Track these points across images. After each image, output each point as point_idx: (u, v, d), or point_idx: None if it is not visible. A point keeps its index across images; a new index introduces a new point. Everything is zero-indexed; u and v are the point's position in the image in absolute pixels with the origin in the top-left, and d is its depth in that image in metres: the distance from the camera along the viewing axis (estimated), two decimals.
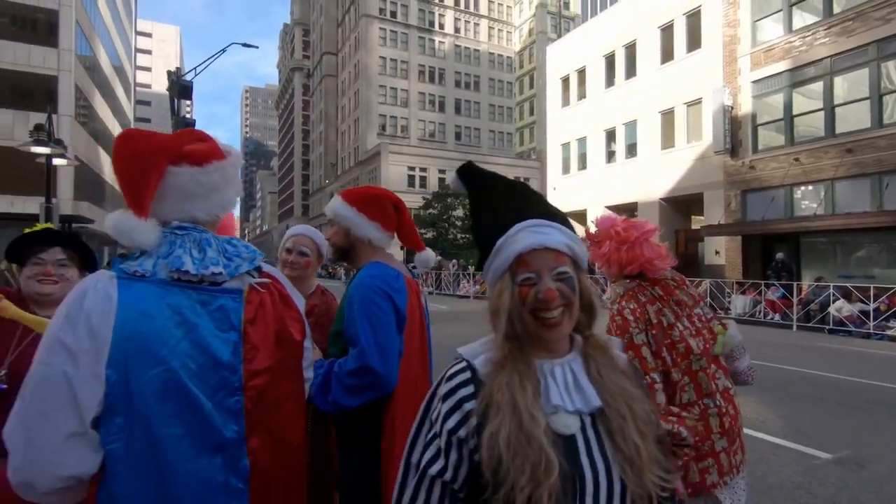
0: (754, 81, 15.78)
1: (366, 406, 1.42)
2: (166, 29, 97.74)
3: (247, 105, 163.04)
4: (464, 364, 0.91)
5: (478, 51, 57.58)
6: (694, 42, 18.03)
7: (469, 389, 0.87)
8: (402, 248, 1.76)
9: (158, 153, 1.00)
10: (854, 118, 13.60)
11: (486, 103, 57.48)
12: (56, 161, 9.27)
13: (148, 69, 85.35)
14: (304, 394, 1.15)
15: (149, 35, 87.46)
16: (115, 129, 38.30)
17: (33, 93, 25.23)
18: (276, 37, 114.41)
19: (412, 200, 44.22)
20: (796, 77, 14.82)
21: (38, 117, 24.79)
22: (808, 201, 14.71)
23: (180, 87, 12.30)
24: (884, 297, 10.66)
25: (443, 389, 0.90)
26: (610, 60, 21.74)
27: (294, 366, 1.11)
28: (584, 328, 0.94)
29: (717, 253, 16.81)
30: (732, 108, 16.21)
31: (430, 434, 0.88)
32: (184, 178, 1.03)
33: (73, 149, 21.98)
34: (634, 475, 0.81)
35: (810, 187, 14.59)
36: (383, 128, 51.77)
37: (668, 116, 19.04)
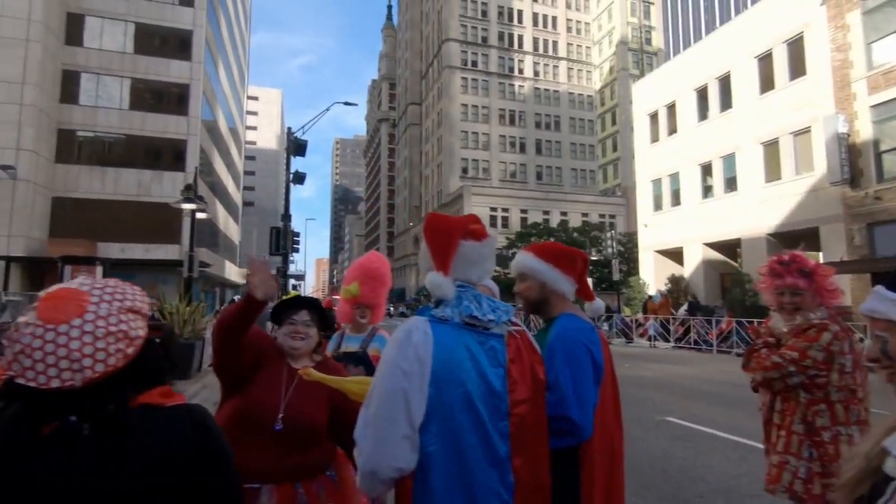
0: (873, 106, 14.54)
1: (563, 454, 1.56)
2: (270, 92, 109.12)
3: (337, 155, 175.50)
4: None
5: (557, 91, 58.21)
6: (797, 69, 17.07)
7: None
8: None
9: (457, 230, 1.31)
10: None
11: (567, 142, 57.48)
12: (199, 215, 10.67)
13: (254, 128, 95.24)
14: (546, 423, 1.36)
15: (256, 98, 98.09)
16: (228, 182, 42.90)
17: (163, 154, 29.10)
18: (365, 92, 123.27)
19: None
20: None
21: (170, 176, 28.54)
22: None
23: (296, 145, 13.72)
24: None
25: None
26: (702, 93, 21.09)
27: (542, 400, 1.33)
28: None
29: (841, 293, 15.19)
30: (849, 135, 14.98)
31: None
32: (468, 249, 1.34)
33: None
34: None
35: None
36: (465, 171, 53.33)
37: (771, 147, 17.95)
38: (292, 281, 28.07)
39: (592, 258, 32.44)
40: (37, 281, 21.39)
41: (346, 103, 20.97)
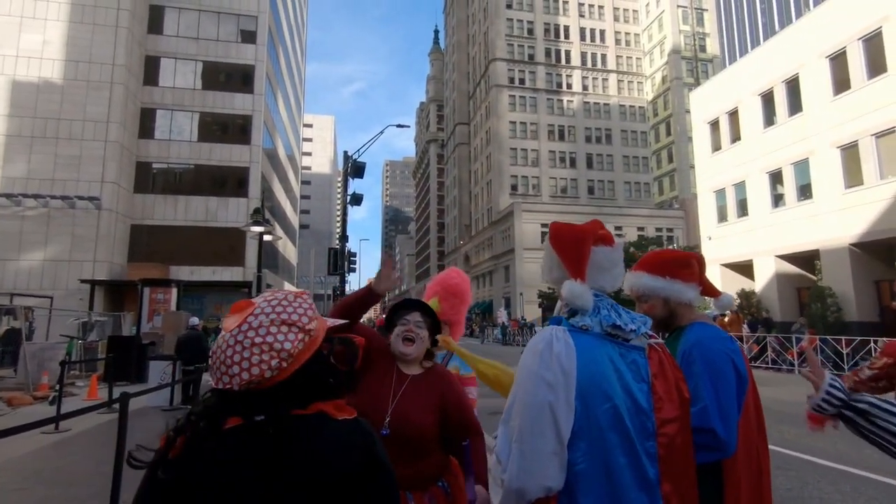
0: None
1: (704, 470, 1.43)
2: (324, 119, 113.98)
3: (387, 176, 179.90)
4: None
5: (607, 104, 57.26)
6: (876, 67, 15.91)
7: None
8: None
9: (588, 236, 1.23)
10: None
11: (620, 155, 56.18)
12: (266, 237, 11.15)
13: (309, 154, 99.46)
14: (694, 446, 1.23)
15: (310, 126, 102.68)
16: (287, 207, 44.84)
17: (227, 182, 30.82)
18: (413, 114, 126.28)
19: None
20: None
21: (234, 202, 30.16)
22: None
23: (355, 168, 14.14)
24: None
25: None
26: (767, 98, 20.05)
27: (689, 421, 1.21)
28: None
29: None
30: None
31: None
32: (600, 255, 1.25)
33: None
34: None
35: None
36: (515, 188, 53.11)
37: (850, 151, 16.73)
38: None
39: None
40: (118, 302, 22.99)
41: (399, 125, 21.55)
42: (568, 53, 57.51)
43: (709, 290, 1.74)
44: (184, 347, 8.53)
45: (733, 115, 21.76)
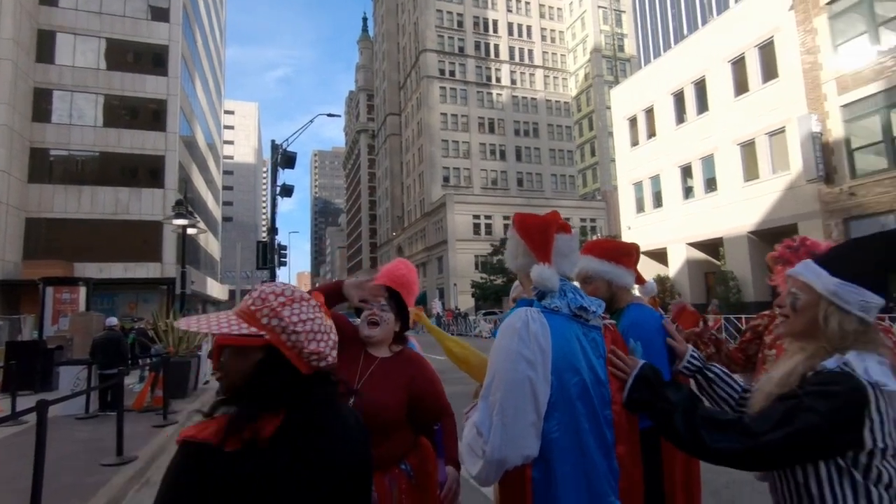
0: (844, 105, 15.12)
1: (645, 434, 1.61)
2: (246, 106, 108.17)
3: (316, 167, 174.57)
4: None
5: (535, 99, 59.04)
6: (770, 72, 17.67)
7: None
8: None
9: (552, 223, 1.34)
10: None
11: (546, 148, 58.23)
12: (190, 231, 10.49)
13: (231, 142, 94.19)
14: None
15: (232, 112, 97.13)
16: (208, 198, 42.30)
17: (140, 171, 28.54)
18: (342, 103, 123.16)
19: (479, 248, 44.79)
20: (892, 98, 14.08)
21: (149, 193, 28.03)
22: None
23: (285, 158, 13.61)
24: None
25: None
26: (679, 97, 21.65)
27: None
28: None
29: None
30: (822, 134, 15.54)
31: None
32: (562, 242, 1.36)
33: None
34: None
35: None
36: (447, 179, 53.56)
37: (748, 148, 18.50)
38: None
39: None
40: (13, 304, 20.70)
41: (330, 115, 20.99)
42: (497, 47, 58.58)
43: (638, 277, 1.94)
44: (100, 350, 7.88)
45: (649, 112, 23.28)
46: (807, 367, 1.11)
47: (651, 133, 23.23)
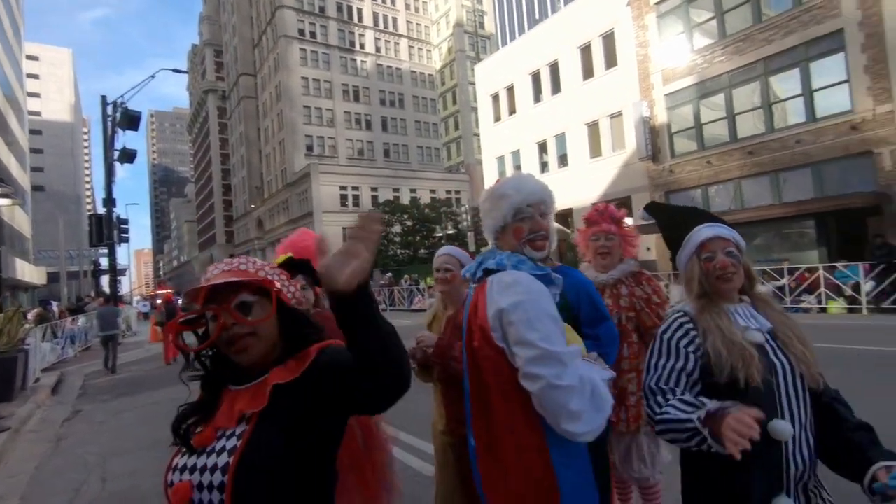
0: (667, 95, 17.72)
1: None
2: (57, 52, 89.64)
3: (153, 129, 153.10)
4: (683, 313, 1.45)
5: (399, 69, 58.51)
6: (611, 60, 19.87)
7: (690, 324, 1.43)
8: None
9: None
10: (751, 125, 15.73)
11: (412, 120, 58.43)
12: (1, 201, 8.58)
13: (37, 95, 77.77)
14: None
15: (36, 59, 79.85)
16: (10, 162, 34.71)
17: None
18: (184, 58, 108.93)
19: (347, 220, 43.84)
20: (702, 90, 16.86)
21: None
22: (720, 198, 16.68)
23: (128, 118, 11.72)
24: (793, 275, 12.41)
25: (671, 329, 1.44)
26: (536, 78, 23.30)
27: None
28: (749, 288, 1.50)
29: (648, 249, 18.47)
30: (650, 118, 18.05)
31: (667, 353, 1.41)
32: None
33: None
34: (806, 367, 1.34)
35: (721, 186, 16.58)
36: (310, 148, 51.00)
37: (593, 128, 20.74)
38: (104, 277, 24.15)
39: (448, 232, 34.03)
40: None
41: (175, 70, 18.48)
42: (360, 11, 56.50)
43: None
44: None
45: (510, 90, 24.71)
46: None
47: (512, 110, 24.72)
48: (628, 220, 2.86)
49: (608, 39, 19.97)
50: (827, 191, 13.95)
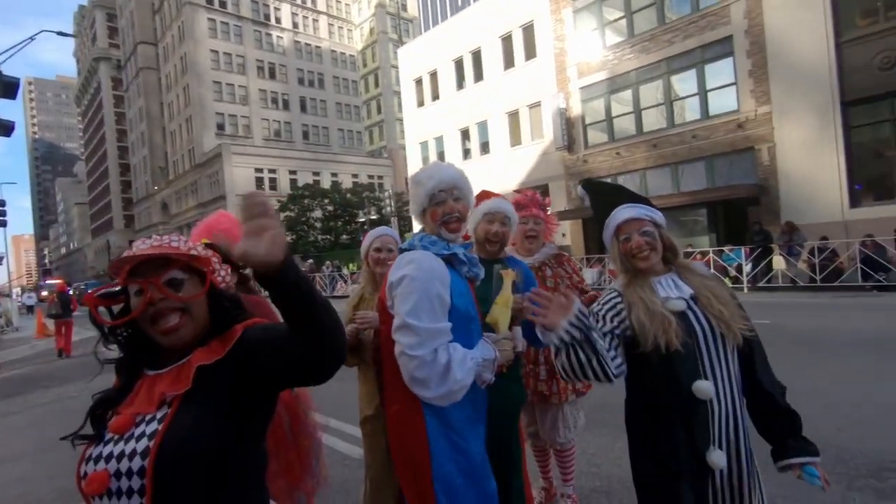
0: (581, 88, 18.62)
1: None
2: None
3: (32, 100, 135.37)
4: (616, 292, 1.60)
5: (319, 48, 56.25)
6: (530, 52, 20.46)
7: (618, 299, 1.58)
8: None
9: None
10: (655, 119, 17.01)
11: (333, 101, 56.56)
12: None
13: None
14: None
15: None
16: None
17: None
18: (70, 19, 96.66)
19: None
20: (612, 85, 17.91)
21: None
22: (629, 188, 17.89)
23: (4, 85, 10.22)
24: (689, 258, 13.67)
25: (602, 303, 1.59)
26: (459, 65, 23.44)
27: None
28: (673, 258, 1.65)
29: (563, 235, 19.47)
30: (566, 110, 18.90)
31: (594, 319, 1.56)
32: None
33: None
34: (725, 326, 1.50)
35: (629, 176, 17.80)
36: (221, 127, 47.79)
37: (514, 117, 21.33)
38: None
39: (371, 217, 33.48)
40: None
41: (60, 33, 16.45)
42: None
43: None
44: None
45: (434, 75, 24.67)
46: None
47: (435, 95, 24.73)
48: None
49: (528, 31, 20.52)
50: (717, 182, 15.50)
